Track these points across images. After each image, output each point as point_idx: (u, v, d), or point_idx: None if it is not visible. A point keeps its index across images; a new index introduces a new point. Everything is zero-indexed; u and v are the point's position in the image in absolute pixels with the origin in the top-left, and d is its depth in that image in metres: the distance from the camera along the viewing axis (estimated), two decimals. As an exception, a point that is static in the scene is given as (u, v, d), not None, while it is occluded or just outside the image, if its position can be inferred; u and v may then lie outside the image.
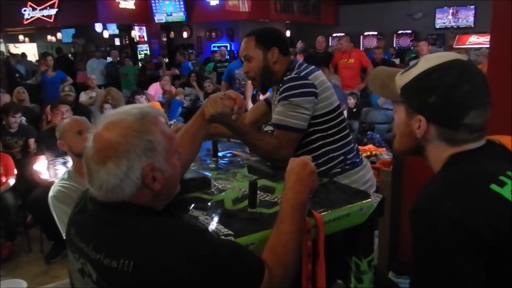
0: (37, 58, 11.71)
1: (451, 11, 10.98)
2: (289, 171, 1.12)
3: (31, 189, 3.65)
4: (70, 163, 3.49)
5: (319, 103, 1.63)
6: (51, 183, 3.36)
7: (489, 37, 7.17)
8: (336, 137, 1.69)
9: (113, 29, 11.88)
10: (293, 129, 1.59)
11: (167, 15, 10.56)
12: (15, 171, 3.66)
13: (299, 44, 9.05)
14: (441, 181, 0.91)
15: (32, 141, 4.01)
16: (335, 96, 1.71)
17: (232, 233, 1.06)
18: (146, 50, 11.39)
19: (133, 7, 10.22)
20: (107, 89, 5.50)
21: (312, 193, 1.12)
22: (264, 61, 1.69)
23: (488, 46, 7.14)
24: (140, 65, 10.41)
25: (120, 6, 9.88)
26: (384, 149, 3.48)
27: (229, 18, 9.97)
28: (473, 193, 0.84)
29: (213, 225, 1.12)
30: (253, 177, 1.53)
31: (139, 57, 11.19)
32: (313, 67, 1.71)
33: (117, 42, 12.43)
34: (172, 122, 5.88)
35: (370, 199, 1.30)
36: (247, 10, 8.75)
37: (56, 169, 3.50)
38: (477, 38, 9.17)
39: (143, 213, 0.92)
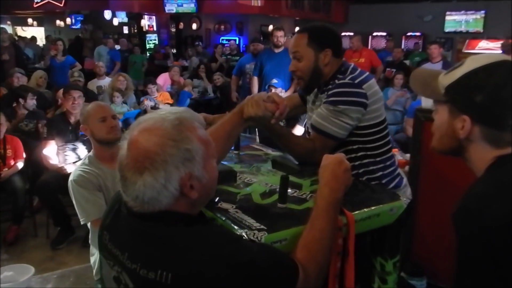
0: (44, 43, 11.68)
1: (461, 15, 10.93)
2: (324, 167, 1.10)
3: (39, 173, 3.65)
4: (80, 149, 3.50)
5: (367, 114, 1.56)
6: (60, 169, 3.37)
7: (500, 42, 7.13)
8: (380, 150, 1.64)
9: (122, 17, 11.83)
10: (332, 137, 1.54)
11: (178, 5, 10.50)
12: (24, 155, 3.66)
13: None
14: (488, 182, 0.90)
15: (42, 125, 4.00)
16: (383, 109, 1.63)
17: (265, 228, 1.04)
18: (155, 39, 11.35)
19: (144, -5, 10.20)
20: (117, 74, 5.49)
21: (346, 191, 1.11)
22: (315, 62, 1.59)
23: (500, 52, 7.12)
24: (148, 54, 10.38)
25: (131, -6, 9.86)
26: (397, 149, 3.47)
27: (240, 11, 9.93)
28: None
29: (244, 218, 1.10)
30: (278, 172, 1.52)
31: (147, 46, 11.14)
32: (367, 73, 1.61)
33: (125, 30, 12.39)
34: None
35: (400, 200, 1.28)
36: (259, 5, 8.71)
37: (66, 155, 3.49)
38: (487, 43, 9.12)
39: (181, 222, 0.89)
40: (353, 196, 1.27)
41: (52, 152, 3.49)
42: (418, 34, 11.69)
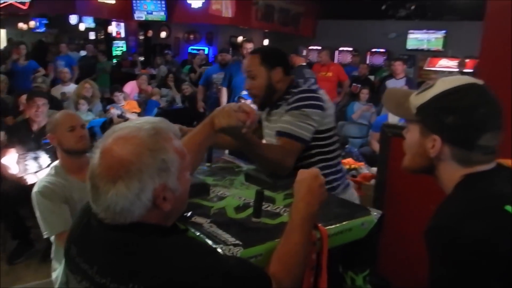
0: (5, 45, 11.23)
1: (422, 34, 11.40)
2: (300, 182, 1.11)
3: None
4: (42, 159, 3.37)
5: (325, 118, 1.69)
6: (20, 179, 3.23)
7: (457, 61, 7.48)
8: (332, 155, 1.76)
9: (89, 22, 11.57)
10: (300, 139, 1.63)
11: (148, 13, 10.38)
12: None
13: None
14: (459, 200, 0.93)
15: (2, 134, 3.82)
16: (333, 117, 1.78)
17: (240, 243, 1.04)
18: (123, 46, 11.15)
19: (113, 1, 9.96)
20: (83, 81, 5.35)
21: (320, 206, 1.12)
22: (268, 79, 1.73)
23: (456, 70, 7.47)
24: (115, 61, 10.19)
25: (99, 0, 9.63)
26: (363, 163, 3.55)
27: (210, 21, 9.90)
28: (491, 213, 0.87)
29: (219, 233, 1.10)
30: (251, 186, 1.52)
31: (114, 53, 10.93)
32: (317, 85, 1.81)
33: (92, 36, 12.12)
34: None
35: (371, 215, 1.31)
36: (230, 16, 8.74)
37: (26, 164, 3.35)
38: (448, 61, 9.55)
39: (154, 234, 0.87)
40: (326, 210, 1.28)
41: (11, 161, 3.33)
42: (382, 50, 12.09)
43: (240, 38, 11.65)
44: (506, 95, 1.50)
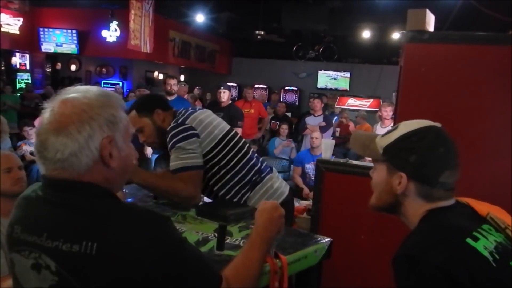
0: None
1: (330, 73, 12.43)
2: (261, 211, 1.19)
3: None
4: None
5: (204, 140, 1.76)
6: None
7: (364, 101, 8.20)
8: (235, 159, 1.82)
9: (-13, 52, 10.63)
10: (190, 168, 1.71)
11: (57, 45, 9.88)
12: None
13: (196, 91, 9.25)
14: (424, 231, 1.01)
15: None
16: (220, 126, 1.84)
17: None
18: (27, 79, 10.40)
19: (18, 32, 9.37)
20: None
21: (278, 235, 1.19)
22: (153, 125, 1.83)
23: (364, 108, 8.12)
24: (19, 95, 9.45)
25: (2, 29, 8.94)
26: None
27: (125, 56, 9.73)
28: (453, 245, 0.95)
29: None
30: (204, 220, 1.54)
31: (18, 86, 10.15)
32: (191, 110, 1.85)
33: (-9, 67, 11.13)
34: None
35: (322, 242, 1.41)
36: (149, 51, 8.69)
37: None
38: (355, 101, 10.45)
39: (102, 194, 0.90)
40: (280, 240, 1.36)
41: None
42: (294, 88, 12.87)
43: (156, 73, 11.60)
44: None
